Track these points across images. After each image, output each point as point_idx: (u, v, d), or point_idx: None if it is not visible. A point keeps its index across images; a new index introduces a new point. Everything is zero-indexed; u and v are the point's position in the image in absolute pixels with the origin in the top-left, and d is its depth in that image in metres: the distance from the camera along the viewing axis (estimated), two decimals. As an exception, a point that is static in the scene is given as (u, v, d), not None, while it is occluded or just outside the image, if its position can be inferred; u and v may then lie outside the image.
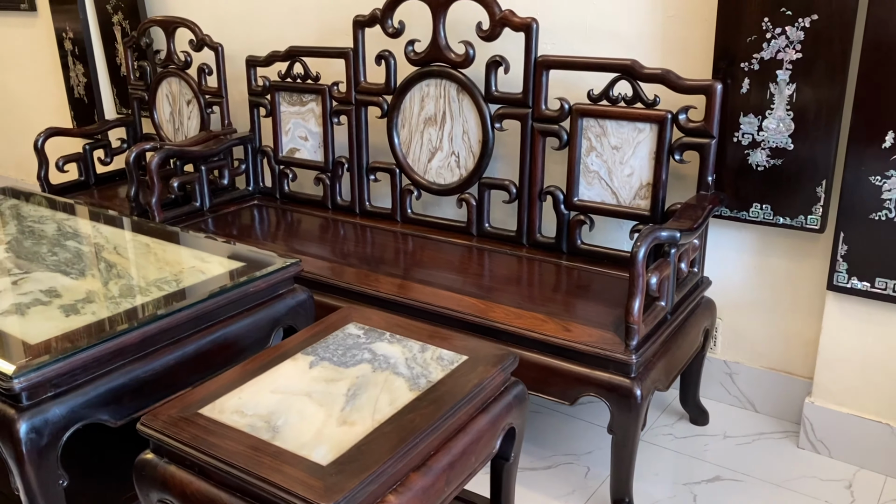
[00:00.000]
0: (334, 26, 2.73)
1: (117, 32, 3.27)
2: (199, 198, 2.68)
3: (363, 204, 2.61)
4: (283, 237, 2.54)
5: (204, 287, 1.48)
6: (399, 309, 1.95)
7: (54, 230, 1.82)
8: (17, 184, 4.37)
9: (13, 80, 4.12)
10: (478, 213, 2.35)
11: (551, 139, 2.15)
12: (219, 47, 2.81)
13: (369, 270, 2.16)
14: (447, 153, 2.37)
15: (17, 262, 1.62)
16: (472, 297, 1.94)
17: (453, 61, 2.26)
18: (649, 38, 2.10)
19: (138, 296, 1.43)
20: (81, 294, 1.45)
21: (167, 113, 3.08)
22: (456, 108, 2.31)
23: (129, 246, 1.71)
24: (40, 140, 2.88)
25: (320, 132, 2.65)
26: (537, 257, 2.22)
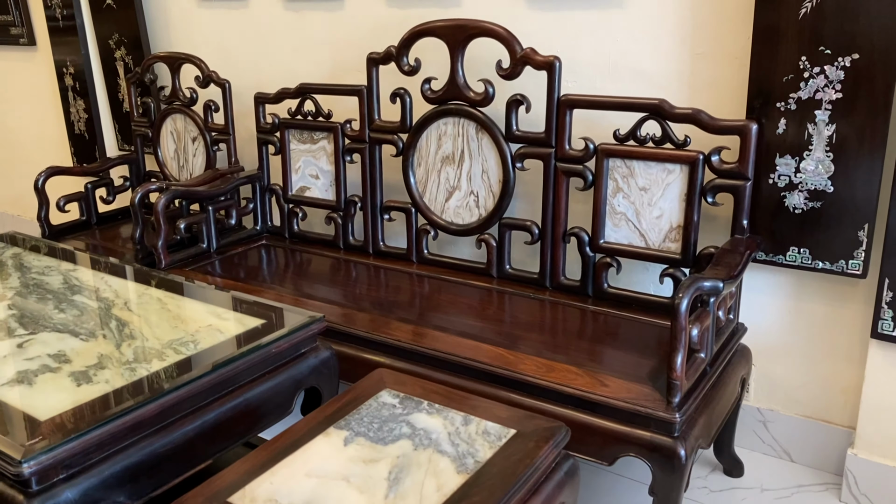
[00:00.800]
0: (346, 63, 2.66)
1: (120, 68, 3.20)
2: (206, 239, 2.59)
3: (377, 244, 2.53)
4: (293, 279, 2.45)
5: (223, 349, 1.39)
6: (417, 358, 1.87)
7: (60, 283, 1.72)
8: (13, 221, 4.28)
9: (11, 115, 4.04)
10: (498, 254, 2.27)
11: (575, 179, 2.08)
12: (226, 84, 2.74)
13: (383, 315, 2.07)
14: (465, 193, 2.30)
15: (21, 320, 1.52)
16: (497, 346, 1.85)
17: (472, 100, 2.19)
18: (676, 76, 2.04)
19: (154, 360, 1.34)
20: (93, 358, 1.35)
21: (171, 150, 3.00)
22: (475, 146, 2.24)
23: (140, 301, 1.62)
24: (41, 180, 2.79)
25: (332, 170, 2.57)
26: (562, 301, 2.13)
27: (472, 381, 1.78)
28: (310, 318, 1.49)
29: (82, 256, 1.93)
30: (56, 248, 2.01)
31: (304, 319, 1.49)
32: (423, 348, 1.87)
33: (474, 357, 1.81)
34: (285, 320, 1.51)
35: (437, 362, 1.84)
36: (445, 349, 1.85)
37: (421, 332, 1.95)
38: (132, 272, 1.79)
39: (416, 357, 1.88)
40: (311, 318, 1.50)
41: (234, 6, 2.89)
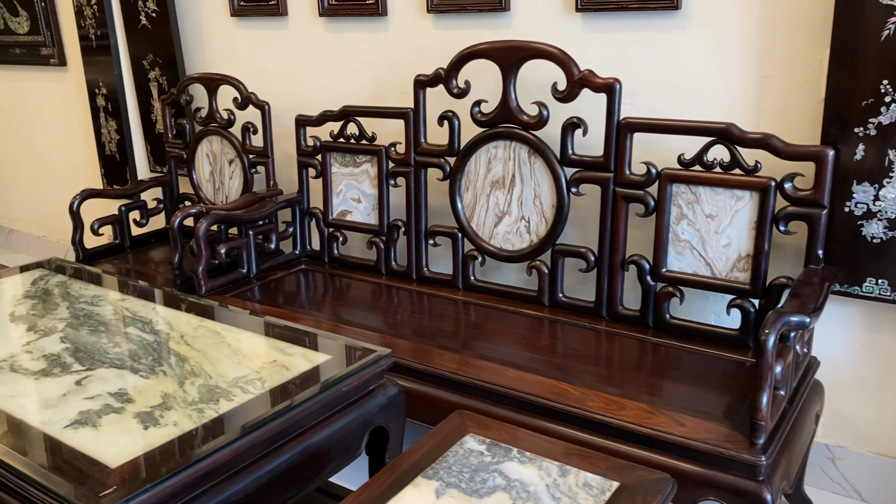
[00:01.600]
0: (388, 85, 2.61)
1: (153, 88, 3.16)
2: (245, 264, 2.53)
3: (421, 269, 2.46)
4: (333, 305, 2.38)
5: (293, 387, 1.32)
6: (465, 390, 1.81)
7: (111, 314, 1.66)
8: (40, 242, 4.23)
9: (39, 135, 4.01)
10: (550, 281, 2.19)
11: (635, 205, 2.01)
12: (265, 106, 2.69)
13: (426, 343, 2.00)
14: (516, 218, 2.23)
15: (76, 355, 1.46)
16: (551, 378, 1.78)
17: (525, 123, 2.13)
18: (741, 99, 1.97)
19: (221, 400, 1.27)
20: (156, 398, 1.28)
21: (207, 172, 2.95)
22: (527, 171, 2.18)
23: (197, 334, 1.55)
24: (76, 203, 2.74)
25: (375, 194, 2.51)
26: (619, 331, 2.06)
27: (528, 416, 1.71)
28: (378, 354, 1.42)
29: (130, 285, 1.87)
30: (102, 275, 1.95)
31: (373, 355, 1.41)
32: (474, 380, 1.80)
33: (535, 392, 1.73)
34: (352, 356, 1.44)
35: (489, 395, 1.77)
36: (498, 381, 1.78)
37: (467, 362, 1.89)
38: (184, 302, 1.72)
39: (463, 388, 1.81)
40: (379, 353, 1.42)
41: (273, 26, 2.85)
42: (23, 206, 4.36)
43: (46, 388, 1.32)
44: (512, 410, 1.74)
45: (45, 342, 1.51)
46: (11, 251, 4.52)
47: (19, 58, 3.85)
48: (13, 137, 4.19)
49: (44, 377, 1.36)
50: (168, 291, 1.82)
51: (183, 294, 1.83)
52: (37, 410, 1.24)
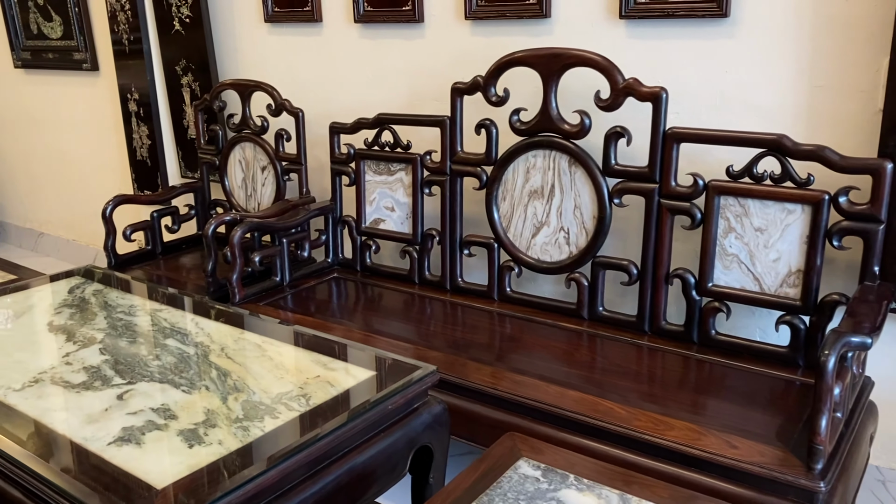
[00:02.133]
0: (423, 92, 2.58)
1: (186, 94, 3.16)
2: (279, 272, 2.50)
3: (455, 280, 2.42)
4: (366, 314, 2.35)
5: (338, 405, 1.28)
6: (499, 404, 1.77)
7: (149, 324, 1.63)
8: (70, 246, 4.24)
9: (71, 140, 4.02)
10: (590, 294, 2.14)
11: (681, 217, 1.96)
12: (299, 112, 2.67)
13: (461, 356, 1.97)
14: (555, 229, 2.18)
15: (117, 367, 1.43)
16: (598, 397, 1.73)
17: (566, 132, 2.09)
18: (792, 109, 1.92)
19: (266, 418, 1.24)
20: (200, 414, 1.25)
21: (239, 179, 2.93)
22: (567, 180, 2.13)
23: (238, 347, 1.52)
24: (109, 209, 2.73)
25: (409, 203, 2.48)
26: (662, 347, 2.00)
27: (570, 434, 1.67)
28: (423, 371, 1.38)
29: (167, 294, 1.85)
30: (138, 284, 1.93)
31: (418, 372, 1.38)
32: (513, 395, 1.76)
33: (579, 410, 1.68)
34: (396, 372, 1.40)
35: (530, 411, 1.73)
36: (539, 397, 1.73)
37: (505, 376, 1.85)
38: (224, 314, 1.70)
39: (502, 404, 1.77)
40: (424, 370, 1.39)
41: (307, 32, 2.83)
42: (53, 209, 4.38)
43: (88, 403, 1.29)
44: (554, 428, 1.70)
45: (84, 353, 1.49)
46: (41, 255, 4.54)
47: (52, 62, 3.87)
48: (45, 141, 4.22)
49: (85, 390, 1.34)
50: (207, 302, 1.79)
51: (222, 304, 1.81)
52: (79, 426, 1.22)
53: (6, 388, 1.34)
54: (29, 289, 1.87)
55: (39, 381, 1.37)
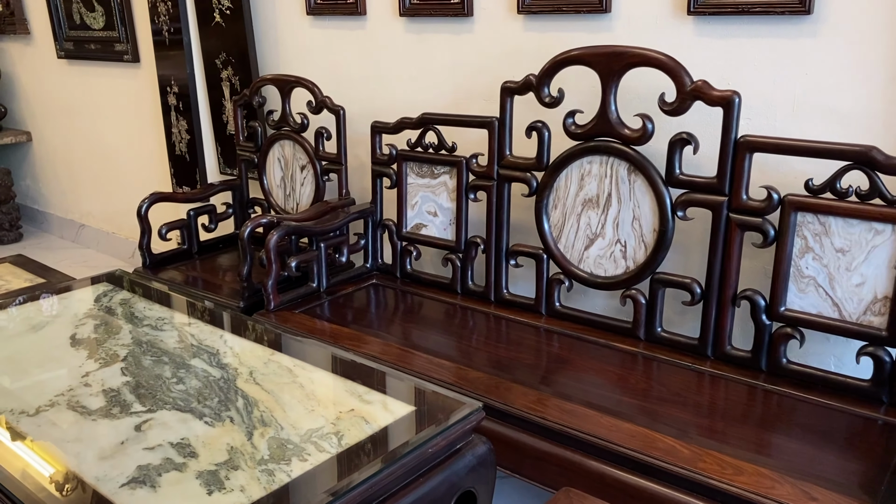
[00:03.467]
0: (470, 91, 2.44)
1: (225, 88, 3.07)
2: (316, 278, 2.39)
3: (500, 291, 2.28)
4: (404, 325, 2.23)
5: (374, 446, 1.16)
6: (544, 433, 1.63)
7: (175, 341, 1.53)
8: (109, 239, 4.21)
9: (112, 132, 3.98)
10: (648, 313, 1.98)
11: (751, 234, 1.78)
12: (340, 110, 2.55)
13: (503, 376, 1.84)
14: (610, 241, 2.03)
15: (137, 391, 1.33)
16: (658, 433, 1.57)
17: (626, 137, 1.93)
18: (882, 118, 1.73)
19: (294, 459, 1.12)
20: (222, 452, 1.14)
21: (278, 178, 2.83)
22: (625, 190, 1.97)
23: (268, 371, 1.41)
24: (144, 206, 2.66)
25: (452, 208, 2.34)
26: (725, 374, 1.84)
27: (624, 471, 1.52)
28: (468, 409, 1.24)
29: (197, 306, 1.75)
30: (167, 293, 1.83)
31: (462, 410, 1.24)
32: (562, 426, 1.61)
33: (637, 447, 1.53)
34: (439, 406, 1.27)
35: (579, 444, 1.58)
36: (590, 429, 1.58)
37: (552, 403, 1.70)
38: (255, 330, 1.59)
39: (548, 434, 1.62)
40: (469, 408, 1.25)
41: (350, 26, 2.71)
42: (93, 201, 4.36)
43: (104, 433, 1.19)
44: (606, 464, 1.55)
45: (105, 374, 1.40)
46: (81, 246, 4.54)
47: (94, 53, 3.83)
48: (86, 133, 4.19)
49: (102, 418, 1.24)
50: (237, 315, 1.69)
51: (253, 318, 1.70)
52: (93, 461, 1.12)
53: (20, 412, 1.25)
54: (55, 295, 1.79)
55: (55, 406, 1.28)
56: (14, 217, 4.57)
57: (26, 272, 2.39)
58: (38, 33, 4.24)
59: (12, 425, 1.22)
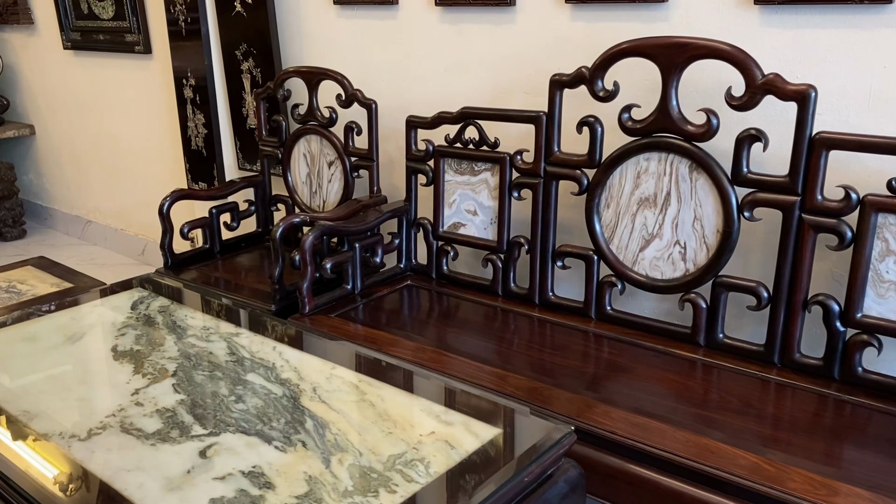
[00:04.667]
0: (511, 84, 2.33)
1: (246, 81, 2.95)
2: (350, 280, 2.29)
3: (545, 293, 2.18)
4: (442, 328, 2.13)
5: (464, 474, 1.06)
6: (594, 442, 1.53)
7: (225, 353, 1.43)
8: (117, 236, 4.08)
9: (122, 125, 3.85)
10: (709, 318, 1.89)
11: (825, 236, 1.69)
12: (372, 104, 2.44)
13: (544, 381, 1.75)
14: (668, 242, 1.93)
15: (195, 411, 1.23)
16: (698, 434, 1.49)
17: (689, 133, 1.83)
18: (968, 112, 1.63)
19: (381, 491, 1.02)
20: (300, 482, 1.04)
21: (303, 174, 2.72)
22: (686, 188, 1.87)
23: (332, 387, 1.30)
24: (166, 205, 2.54)
25: (494, 206, 2.24)
26: (793, 383, 1.75)
27: (698, 488, 1.43)
28: (561, 432, 1.15)
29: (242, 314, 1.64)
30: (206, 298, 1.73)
31: (554, 433, 1.14)
32: (628, 439, 1.51)
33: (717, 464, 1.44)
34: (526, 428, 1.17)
35: (644, 458, 1.49)
36: (658, 443, 1.49)
37: (595, 406, 1.62)
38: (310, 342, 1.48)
39: (608, 446, 1.53)
40: (560, 431, 1.15)
41: (381, 16, 2.59)
42: (100, 197, 4.24)
43: (166, 460, 1.09)
44: (663, 474, 1.47)
45: (156, 391, 1.29)
46: (88, 243, 4.41)
47: (102, 44, 3.69)
48: (93, 127, 4.06)
49: (161, 442, 1.14)
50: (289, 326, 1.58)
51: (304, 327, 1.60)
52: (160, 494, 1.01)
53: (70, 436, 1.15)
54: (87, 303, 1.68)
55: (107, 428, 1.17)
56: (17, 213, 4.44)
57: (51, 276, 2.27)
58: (42, 23, 4.10)
59: (64, 451, 1.11)
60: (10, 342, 1.49)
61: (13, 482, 1.02)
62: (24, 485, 1.01)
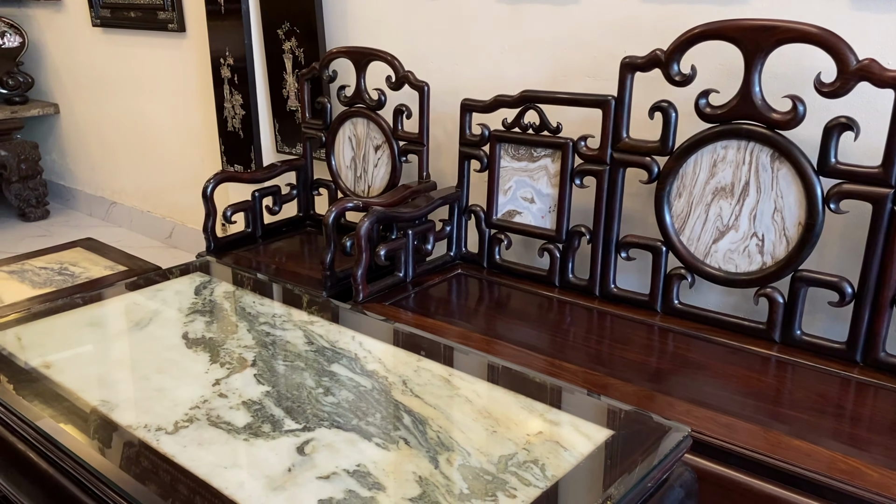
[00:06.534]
0: (571, 67, 2.25)
1: (287, 61, 2.86)
2: (402, 267, 2.22)
3: (606, 285, 2.10)
4: (495, 318, 2.06)
5: (584, 479, 0.99)
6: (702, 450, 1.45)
7: (303, 342, 1.36)
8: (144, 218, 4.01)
9: (152, 106, 3.77)
10: (786, 314, 1.82)
11: (919, 231, 1.61)
12: (424, 87, 2.36)
13: (599, 371, 1.69)
14: (745, 234, 1.85)
15: (283, 404, 1.16)
16: (828, 449, 1.42)
17: (772, 120, 1.75)
18: None
19: (500, 495, 0.95)
20: (411, 483, 0.97)
21: (348, 158, 2.64)
22: (767, 178, 1.80)
23: (422, 380, 1.23)
24: (210, 187, 2.47)
25: (554, 194, 2.16)
26: (876, 382, 1.68)
27: (795, 493, 1.37)
28: (679, 435, 1.08)
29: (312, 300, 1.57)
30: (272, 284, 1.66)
31: (673, 435, 1.08)
32: (713, 438, 1.44)
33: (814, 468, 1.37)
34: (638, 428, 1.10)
35: (724, 456, 1.42)
36: (744, 442, 1.43)
37: (654, 397, 1.56)
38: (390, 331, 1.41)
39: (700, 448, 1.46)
40: (677, 431, 1.08)
41: (432, -5, 2.51)
42: (127, 178, 4.16)
43: (263, 457, 1.02)
44: (751, 475, 1.40)
45: (238, 381, 1.22)
46: (112, 225, 4.34)
47: (134, 22, 3.61)
48: (121, 107, 3.98)
49: (253, 437, 1.07)
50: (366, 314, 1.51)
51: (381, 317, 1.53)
52: (263, 494, 0.94)
53: (156, 429, 1.08)
54: (149, 287, 1.61)
55: (194, 421, 1.10)
56: (41, 193, 4.37)
57: (103, 258, 2.20)
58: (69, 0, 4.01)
59: (153, 445, 1.04)
60: (76, 327, 1.42)
61: (106, 478, 0.95)
62: (119, 481, 0.95)
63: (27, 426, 1.10)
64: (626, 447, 1.05)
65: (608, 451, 1.04)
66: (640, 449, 1.04)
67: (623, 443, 1.06)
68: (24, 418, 1.10)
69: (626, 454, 1.03)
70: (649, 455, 1.03)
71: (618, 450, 1.04)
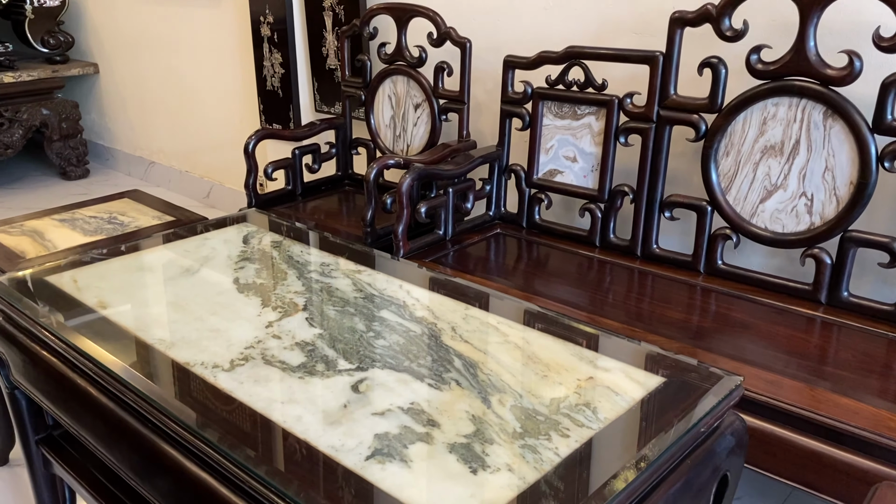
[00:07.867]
0: (618, 23, 2.21)
1: (328, 19, 2.85)
2: (443, 225, 2.22)
3: (649, 245, 2.09)
4: (535, 277, 2.06)
5: (638, 423, 0.99)
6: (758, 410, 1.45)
7: (351, 289, 1.37)
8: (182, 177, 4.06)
9: (190, 65, 3.79)
10: (833, 275, 1.79)
11: (978, 190, 1.57)
12: (466, 43, 2.34)
13: (638, 327, 1.70)
14: (793, 194, 1.82)
15: (336, 346, 1.17)
16: (849, 398, 1.41)
17: (827, 77, 1.71)
18: None
19: (553, 434, 0.96)
20: (465, 421, 0.98)
21: (387, 117, 2.64)
22: (818, 136, 1.76)
23: (471, 327, 1.24)
24: (252, 143, 2.48)
25: (597, 153, 2.14)
26: (927, 345, 1.65)
27: (802, 435, 1.37)
28: (732, 383, 1.07)
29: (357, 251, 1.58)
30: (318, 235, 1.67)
31: (725, 382, 1.07)
32: (772, 398, 1.44)
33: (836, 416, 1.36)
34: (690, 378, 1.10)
35: (784, 417, 1.42)
36: (770, 392, 1.42)
37: (692, 352, 1.56)
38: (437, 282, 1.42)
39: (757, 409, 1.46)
40: (730, 380, 1.08)
41: (475, -49, 2.47)
42: (165, 138, 4.20)
43: (318, 394, 1.04)
44: (794, 431, 1.40)
45: (290, 324, 1.24)
46: (151, 184, 4.40)
47: (172, -19, 3.61)
48: (160, 66, 4.00)
49: (308, 376, 1.09)
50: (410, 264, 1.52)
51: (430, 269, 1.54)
52: (321, 428, 0.96)
53: (213, 366, 1.10)
54: (197, 235, 1.64)
55: (249, 360, 1.13)
56: (81, 152, 4.43)
57: (151, 209, 2.23)
58: (109, -41, 4.03)
59: (210, 381, 1.07)
60: (129, 271, 1.45)
61: (167, 410, 0.98)
62: (179, 413, 0.97)
63: (88, 361, 1.13)
64: (678, 394, 1.05)
65: (660, 397, 1.04)
66: (693, 396, 1.04)
67: (675, 389, 1.06)
68: (85, 353, 1.13)
69: (679, 400, 1.03)
70: (702, 401, 1.03)
71: (670, 396, 1.04)
